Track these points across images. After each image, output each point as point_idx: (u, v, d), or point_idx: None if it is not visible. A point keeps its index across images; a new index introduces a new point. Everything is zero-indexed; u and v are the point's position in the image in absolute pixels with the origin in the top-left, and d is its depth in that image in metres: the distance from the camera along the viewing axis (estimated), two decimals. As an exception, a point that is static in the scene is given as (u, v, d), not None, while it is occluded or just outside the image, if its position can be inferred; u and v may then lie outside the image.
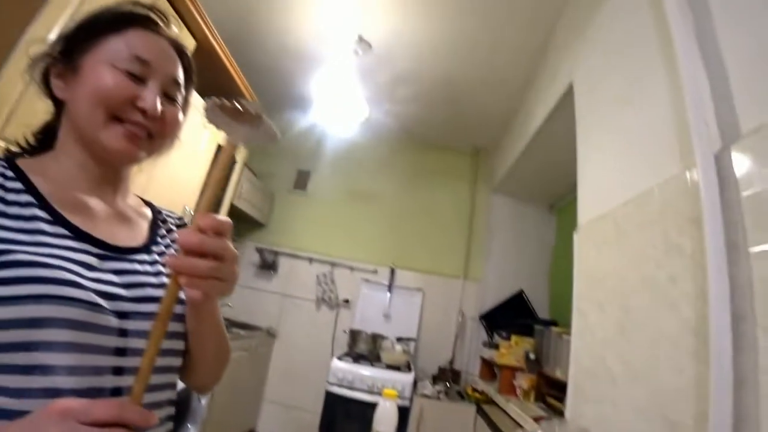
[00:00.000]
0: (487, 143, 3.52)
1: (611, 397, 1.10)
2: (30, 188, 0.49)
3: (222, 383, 0.69)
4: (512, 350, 2.39)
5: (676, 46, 0.94)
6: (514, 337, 2.43)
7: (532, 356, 2.27)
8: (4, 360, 0.39)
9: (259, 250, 3.50)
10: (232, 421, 2.65)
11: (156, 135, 0.56)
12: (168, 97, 0.58)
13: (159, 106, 0.54)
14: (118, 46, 0.54)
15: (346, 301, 3.36)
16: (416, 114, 3.24)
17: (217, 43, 2.09)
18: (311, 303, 3.40)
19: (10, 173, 0.49)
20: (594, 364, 1.23)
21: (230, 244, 0.45)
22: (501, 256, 3.28)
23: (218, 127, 0.46)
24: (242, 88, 2.48)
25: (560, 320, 2.57)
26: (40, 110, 0.62)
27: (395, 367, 2.68)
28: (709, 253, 0.76)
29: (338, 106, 3.16)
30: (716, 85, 0.86)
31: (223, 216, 0.44)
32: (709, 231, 0.77)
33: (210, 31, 1.99)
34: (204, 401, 2.17)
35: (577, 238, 1.49)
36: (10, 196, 0.47)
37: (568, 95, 1.76)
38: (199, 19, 1.88)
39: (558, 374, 1.92)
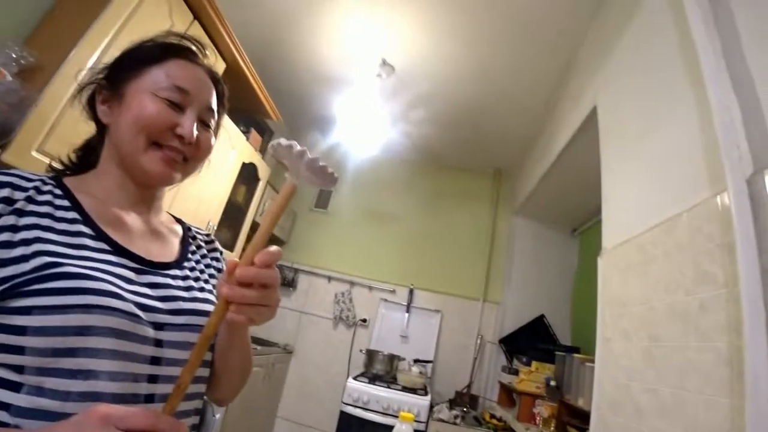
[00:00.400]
0: (508, 165, 3.50)
1: (636, 430, 1.04)
2: (75, 205, 0.53)
3: (236, 397, 0.71)
4: (532, 376, 2.31)
5: (704, 68, 0.93)
6: (534, 363, 2.36)
7: (553, 383, 2.19)
8: (51, 364, 0.41)
9: (279, 267, 3.52)
10: (249, 431, 2.63)
11: (190, 158, 0.60)
12: (203, 123, 0.62)
13: (195, 133, 0.58)
14: (160, 77, 0.58)
15: (364, 320, 3.34)
16: (437, 135, 3.26)
17: (246, 65, 2.17)
18: (329, 321, 3.39)
19: (58, 191, 0.53)
20: (619, 395, 1.18)
21: (276, 272, 0.47)
22: (521, 279, 3.21)
23: (285, 164, 0.47)
24: (268, 108, 2.56)
25: (583, 347, 2.48)
26: (77, 127, 0.66)
27: (411, 390, 2.63)
28: (743, 281, 0.73)
29: (361, 128, 3.21)
30: (747, 108, 0.84)
31: (275, 248, 0.46)
32: (742, 258, 0.74)
33: (239, 54, 2.08)
34: (218, 415, 2.17)
35: (602, 263, 1.45)
36: (59, 213, 0.51)
37: (592, 118, 1.75)
38: (230, 43, 1.97)
39: (580, 403, 1.84)
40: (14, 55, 1.14)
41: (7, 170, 0.51)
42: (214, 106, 0.64)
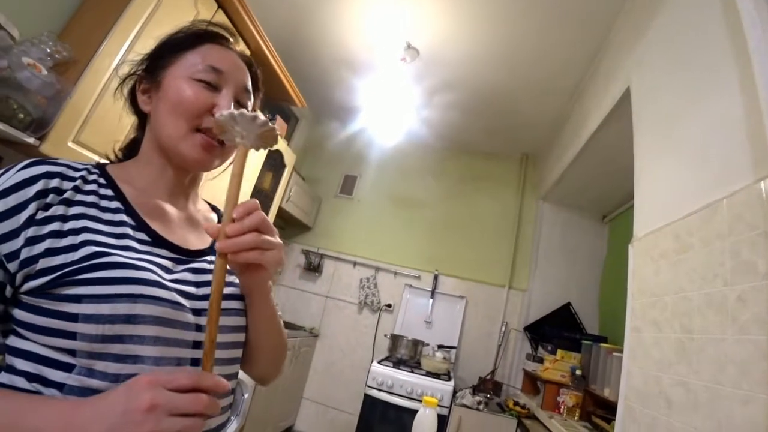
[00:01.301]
0: (536, 150, 3.41)
1: (666, 423, 1.02)
2: (118, 195, 0.55)
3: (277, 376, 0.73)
4: (557, 365, 2.28)
5: (749, 41, 0.87)
6: (559, 352, 2.33)
7: (578, 372, 2.16)
8: (100, 349, 0.44)
9: (305, 253, 3.60)
10: (272, 416, 2.73)
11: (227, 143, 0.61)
12: (239, 105, 0.62)
13: (230, 107, 0.58)
14: (195, 60, 0.59)
15: (389, 305, 3.37)
16: (463, 120, 3.20)
17: (270, 52, 2.18)
18: (354, 306, 3.44)
19: (102, 180, 0.55)
20: (648, 387, 1.15)
21: (265, 217, 0.51)
22: (548, 266, 3.15)
23: (237, 140, 0.51)
24: (293, 95, 2.56)
25: (610, 336, 2.43)
26: (110, 119, 0.68)
27: (435, 375, 2.65)
28: (786, 272, 0.69)
29: (385, 113, 3.19)
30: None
31: (250, 200, 0.51)
32: (786, 248, 0.70)
33: (263, 42, 2.08)
34: (247, 395, 2.25)
35: (633, 252, 1.40)
36: (104, 203, 0.53)
37: (625, 100, 1.68)
38: (254, 30, 1.97)
39: (606, 393, 1.81)
40: (49, 50, 1.18)
41: (56, 159, 0.52)
42: (250, 87, 0.65)
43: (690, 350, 0.99)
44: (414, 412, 2.37)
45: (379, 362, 2.70)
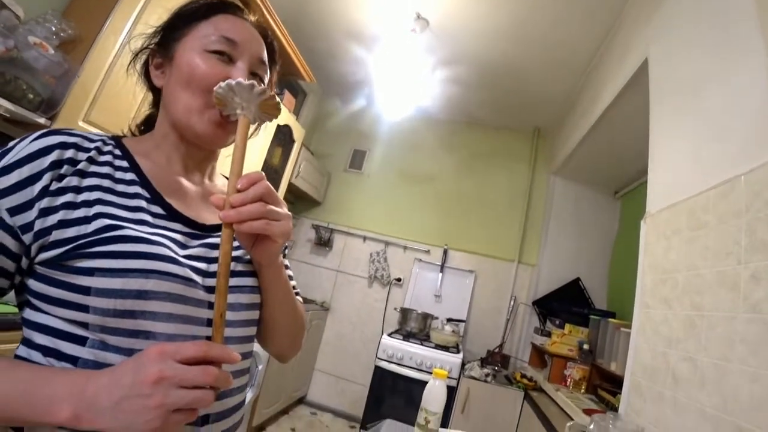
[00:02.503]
0: (548, 123, 3.34)
1: (672, 398, 1.03)
2: (134, 167, 0.54)
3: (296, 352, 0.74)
4: (565, 339, 2.31)
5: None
6: (568, 326, 2.35)
7: (586, 347, 2.18)
8: (113, 324, 0.44)
9: (315, 227, 3.62)
10: (285, 387, 2.82)
11: None
12: (255, 77, 0.60)
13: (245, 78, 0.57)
14: (207, 30, 0.57)
15: (399, 279, 3.41)
16: (473, 93, 3.13)
17: (277, 25, 2.13)
18: (364, 280, 3.48)
19: (117, 152, 0.54)
20: (655, 362, 1.16)
21: (270, 187, 0.50)
22: (558, 241, 3.14)
23: (238, 111, 0.51)
24: (301, 69, 2.52)
25: (619, 312, 2.44)
26: (119, 96, 0.67)
27: (444, 348, 2.70)
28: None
29: (395, 86, 3.13)
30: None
31: (251, 171, 0.49)
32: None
33: (270, 14, 2.03)
34: (261, 366, 2.33)
35: (645, 228, 1.39)
36: (118, 174, 0.52)
37: (642, 72, 1.62)
38: (260, 3, 1.93)
39: (613, 368, 1.84)
40: (54, 29, 1.17)
41: (71, 130, 0.51)
42: (266, 59, 0.62)
43: (699, 327, 0.99)
44: (423, 383, 2.44)
45: (389, 335, 2.76)
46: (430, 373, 1.10)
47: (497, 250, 3.33)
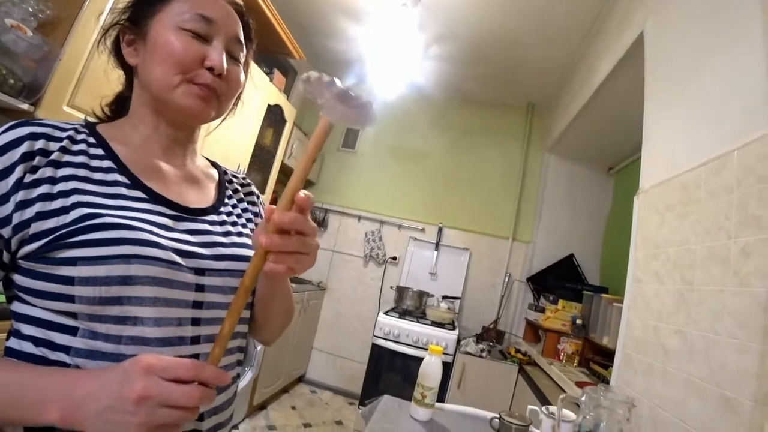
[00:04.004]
0: (542, 99, 3.31)
1: (662, 370, 1.06)
2: (110, 154, 0.53)
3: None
4: (559, 314, 2.35)
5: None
6: (561, 302, 2.39)
7: (579, 322, 2.23)
8: (99, 311, 0.44)
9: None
10: (284, 366, 2.87)
11: (222, 95, 0.58)
12: (232, 57, 0.59)
13: (225, 64, 0.56)
14: (183, 8, 0.55)
15: (394, 258, 3.43)
16: (466, 69, 3.08)
17: (264, 1, 2.07)
18: (359, 259, 3.50)
19: (92, 140, 0.53)
20: (646, 335, 1.19)
21: (310, 219, 0.47)
22: (552, 218, 3.16)
23: (318, 100, 0.44)
24: (290, 46, 2.46)
25: (611, 287, 2.48)
26: (105, 78, 0.65)
27: (440, 324, 2.74)
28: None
29: (387, 63, 3.07)
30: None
31: (308, 192, 0.45)
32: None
33: (257, -12, 1.97)
34: (259, 347, 2.36)
35: (638, 203, 1.40)
36: (94, 163, 0.51)
37: (638, 46, 1.60)
38: (246, -24, 1.86)
39: (605, 342, 1.88)
40: (31, 9, 1.12)
41: (40, 120, 0.50)
42: (242, 38, 0.61)
43: (689, 301, 1.01)
44: (420, 359, 2.48)
45: (386, 313, 2.80)
46: (426, 349, 1.12)
47: (492, 228, 3.34)
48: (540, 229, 3.17)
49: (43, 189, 0.46)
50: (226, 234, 0.59)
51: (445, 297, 3.06)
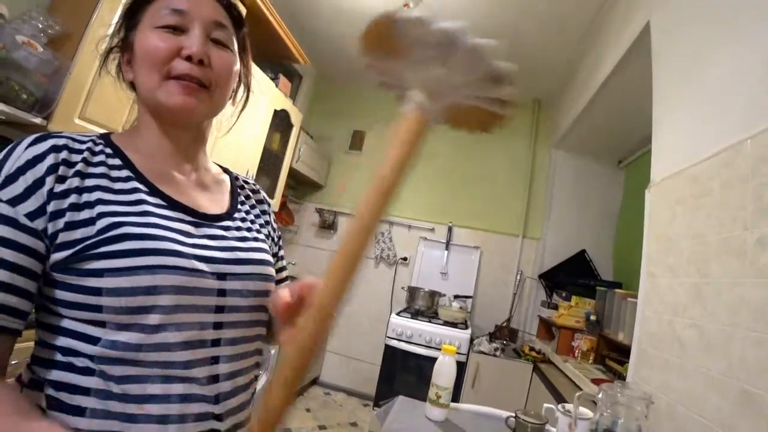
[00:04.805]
0: (548, 95, 3.28)
1: (679, 365, 1.05)
2: (127, 163, 0.54)
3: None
4: (572, 311, 2.33)
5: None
6: (574, 298, 2.37)
7: (593, 318, 2.20)
8: (125, 320, 0.45)
9: (319, 211, 3.63)
10: (300, 368, 2.87)
11: (211, 84, 0.56)
12: (217, 43, 0.57)
13: (202, 48, 0.54)
14: (156, 7, 0.55)
15: (404, 258, 3.42)
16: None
17: (266, 7, 2.09)
18: (370, 261, 3.50)
19: (109, 150, 0.54)
20: (662, 330, 1.17)
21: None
22: (562, 214, 3.13)
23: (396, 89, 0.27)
24: (294, 51, 2.48)
25: (625, 282, 2.45)
26: (114, 91, 0.65)
27: (452, 324, 2.73)
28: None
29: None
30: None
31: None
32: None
33: (260, -5, 1.98)
34: (273, 351, 2.37)
35: (650, 197, 1.38)
36: (114, 173, 0.52)
37: (644, 37, 1.58)
38: (249, -16, 1.88)
39: (620, 338, 1.85)
40: (41, 26, 1.15)
41: (59, 133, 0.51)
42: (225, 22, 0.59)
43: (705, 294, 1.00)
44: (433, 359, 2.49)
45: (398, 314, 2.80)
46: (440, 349, 1.12)
47: (501, 226, 3.32)
48: (550, 225, 3.14)
49: (72, 199, 0.47)
50: (243, 239, 0.60)
51: (456, 296, 3.05)
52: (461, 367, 2.47)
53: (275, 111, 2.57)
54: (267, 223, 0.71)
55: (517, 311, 3.12)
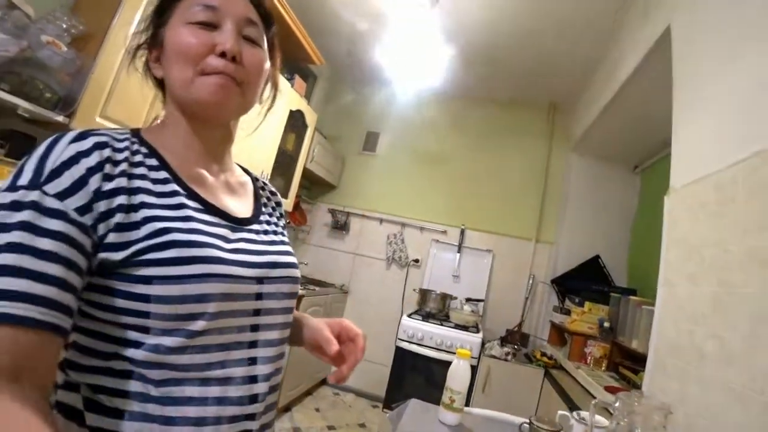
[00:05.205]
0: (564, 98, 3.24)
1: (698, 376, 1.02)
2: (163, 163, 0.53)
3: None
4: (585, 317, 2.30)
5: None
6: (587, 304, 2.34)
7: (606, 324, 2.17)
8: (170, 326, 0.45)
9: (332, 212, 3.64)
10: (308, 369, 2.89)
11: (242, 82, 0.56)
12: (248, 40, 0.57)
13: (236, 44, 0.54)
14: (187, 5, 0.55)
15: (416, 260, 3.42)
16: (487, 68, 3.05)
17: (283, 7, 2.10)
18: (382, 262, 3.50)
19: (144, 149, 0.52)
20: (680, 340, 1.15)
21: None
22: (576, 218, 3.09)
23: None
24: (310, 52, 2.49)
25: (640, 289, 2.41)
26: (134, 90, 0.66)
27: (463, 327, 2.72)
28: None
29: (406, 65, 3.07)
30: None
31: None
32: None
33: (277, -4, 2.00)
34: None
35: (669, 203, 1.35)
36: (153, 174, 0.51)
37: (664, 40, 1.55)
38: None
39: (634, 345, 1.82)
40: (65, 26, 1.17)
41: (97, 130, 0.49)
42: (256, 19, 0.59)
43: (726, 304, 0.97)
44: (443, 362, 2.49)
45: (409, 316, 2.79)
46: (450, 352, 1.12)
47: (514, 229, 3.30)
48: (564, 229, 3.10)
49: (121, 200, 0.45)
50: (272, 243, 0.60)
51: (468, 299, 3.03)
52: (472, 371, 2.44)
53: (290, 111, 2.59)
54: (284, 226, 0.72)
55: (528, 316, 3.09)
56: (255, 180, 0.71)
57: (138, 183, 0.48)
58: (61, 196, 0.42)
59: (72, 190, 0.43)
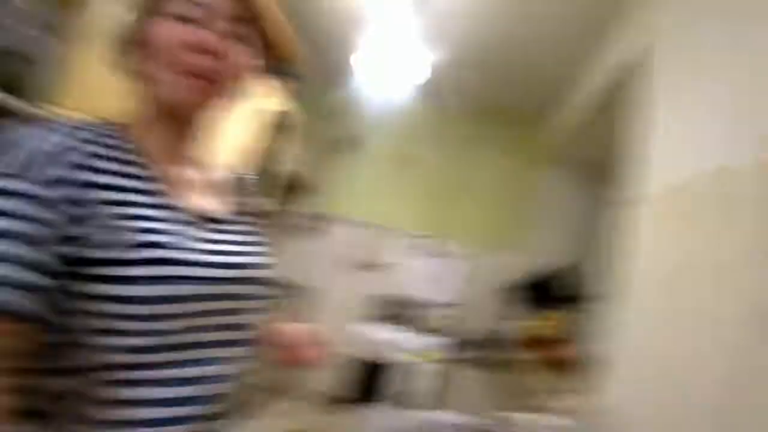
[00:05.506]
0: (538, 109, 3.33)
1: (658, 384, 1.07)
2: (140, 160, 0.52)
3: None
4: (552, 323, 2.37)
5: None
6: (555, 311, 2.41)
7: (572, 330, 2.25)
8: (150, 327, 0.45)
9: (308, 214, 3.61)
10: (277, 374, 2.85)
11: (224, 80, 0.54)
12: (232, 37, 0.55)
13: (221, 40, 0.53)
14: (170, 0, 0.53)
15: (390, 266, 3.43)
16: (467, 77, 3.10)
17: (268, 5, 2.08)
18: (355, 266, 3.50)
19: (115, 142, 0.51)
20: (640, 346, 1.20)
21: None
22: (549, 227, 3.19)
23: None
24: (294, 53, 2.47)
25: (607, 298, 2.49)
26: (114, 80, 0.62)
27: (433, 332, 2.75)
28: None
29: (387, 69, 3.09)
30: None
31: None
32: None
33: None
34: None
35: (637, 214, 1.40)
36: (129, 169, 0.50)
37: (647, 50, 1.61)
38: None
39: (598, 351, 1.89)
40: (44, 17, 1.13)
41: (70, 120, 0.49)
42: (240, 14, 0.56)
43: (686, 313, 1.02)
44: (412, 367, 2.51)
45: (378, 321, 2.80)
46: (420, 357, 1.14)
47: (488, 236, 3.37)
48: (536, 238, 3.19)
49: (94, 194, 0.45)
50: (248, 243, 0.61)
51: (438, 305, 3.07)
52: (440, 376, 2.49)
53: (272, 112, 2.57)
54: (262, 226, 0.71)
55: (498, 322, 3.15)
56: (233, 178, 0.71)
57: (111, 179, 0.47)
58: (37, 183, 0.41)
59: (48, 179, 0.42)
